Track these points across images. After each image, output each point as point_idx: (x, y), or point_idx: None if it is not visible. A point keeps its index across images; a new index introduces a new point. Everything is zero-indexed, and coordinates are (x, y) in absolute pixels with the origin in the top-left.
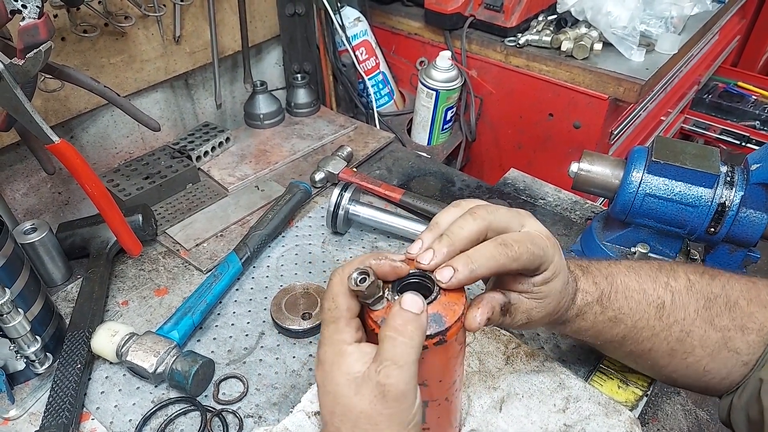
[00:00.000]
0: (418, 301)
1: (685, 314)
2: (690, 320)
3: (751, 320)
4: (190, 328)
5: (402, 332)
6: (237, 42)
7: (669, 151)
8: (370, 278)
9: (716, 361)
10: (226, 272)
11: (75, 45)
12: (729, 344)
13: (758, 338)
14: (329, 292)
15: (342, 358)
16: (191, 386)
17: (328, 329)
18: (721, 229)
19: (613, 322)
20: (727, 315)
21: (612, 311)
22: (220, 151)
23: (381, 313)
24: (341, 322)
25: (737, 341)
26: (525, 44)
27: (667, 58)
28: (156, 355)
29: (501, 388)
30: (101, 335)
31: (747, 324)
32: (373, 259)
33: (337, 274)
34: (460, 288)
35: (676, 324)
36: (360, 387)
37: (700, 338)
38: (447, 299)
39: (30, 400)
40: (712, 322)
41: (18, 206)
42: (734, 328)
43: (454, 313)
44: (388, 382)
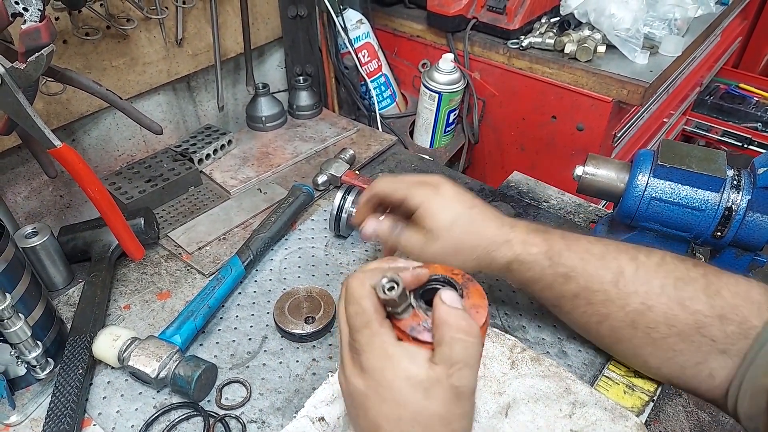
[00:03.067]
0: (459, 300)
1: (647, 288)
2: (654, 294)
3: (734, 312)
4: (193, 332)
5: (471, 333)
6: (239, 44)
7: (675, 155)
8: (399, 286)
9: (687, 342)
10: (228, 276)
11: (77, 48)
12: (703, 330)
13: (739, 330)
14: (351, 298)
15: (390, 362)
16: (194, 391)
17: (361, 335)
18: (728, 233)
19: (564, 278)
20: (704, 301)
21: (563, 268)
22: (222, 154)
23: (409, 322)
24: (374, 324)
25: (713, 329)
26: (528, 46)
27: (671, 60)
28: (158, 360)
29: (507, 393)
30: (103, 340)
31: (727, 314)
32: (387, 263)
33: (355, 279)
34: (482, 294)
35: (636, 295)
36: (429, 390)
37: (664, 315)
38: (471, 302)
39: (31, 405)
40: (682, 303)
41: (19, 209)
42: (710, 315)
43: (481, 317)
44: (461, 383)
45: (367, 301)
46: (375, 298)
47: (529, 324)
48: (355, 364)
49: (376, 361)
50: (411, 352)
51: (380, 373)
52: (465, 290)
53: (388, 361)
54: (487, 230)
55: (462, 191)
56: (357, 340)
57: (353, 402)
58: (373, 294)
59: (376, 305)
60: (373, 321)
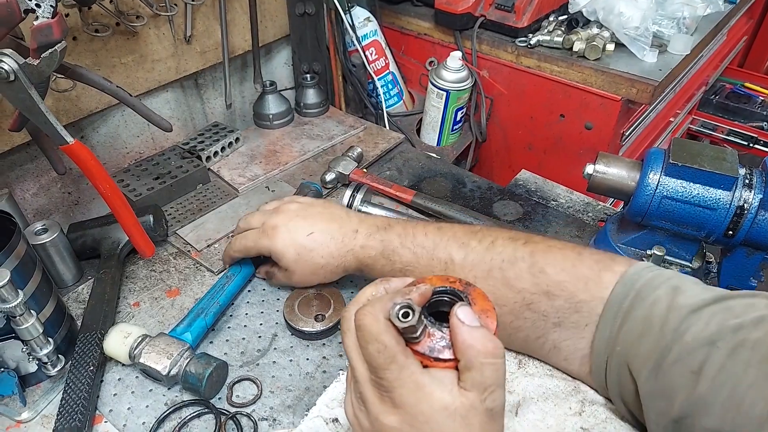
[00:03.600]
0: (475, 317)
1: (475, 273)
2: (481, 279)
3: (559, 287)
4: (203, 329)
5: (498, 354)
6: (247, 42)
7: (686, 153)
8: (415, 312)
9: (521, 319)
10: (238, 273)
11: (86, 44)
12: (532, 306)
13: (567, 305)
14: (369, 336)
15: (423, 392)
16: (205, 389)
17: (389, 372)
18: (739, 232)
19: (402, 273)
20: (528, 279)
21: (400, 264)
22: (230, 152)
23: (426, 342)
24: (400, 358)
25: (541, 305)
26: (536, 45)
27: (680, 59)
28: (169, 357)
29: (516, 393)
30: (114, 337)
31: (553, 290)
32: (383, 284)
33: (367, 315)
34: (486, 297)
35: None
36: (466, 417)
37: (493, 296)
38: (479, 308)
39: (42, 402)
40: (507, 283)
41: (28, 206)
42: (537, 293)
43: (492, 321)
44: (495, 404)
45: (386, 336)
46: (393, 330)
47: None
48: (384, 402)
49: (409, 395)
50: (439, 378)
51: (416, 407)
52: (469, 296)
53: (421, 392)
54: (328, 249)
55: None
56: (384, 378)
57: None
58: (390, 326)
59: (397, 337)
60: (398, 355)
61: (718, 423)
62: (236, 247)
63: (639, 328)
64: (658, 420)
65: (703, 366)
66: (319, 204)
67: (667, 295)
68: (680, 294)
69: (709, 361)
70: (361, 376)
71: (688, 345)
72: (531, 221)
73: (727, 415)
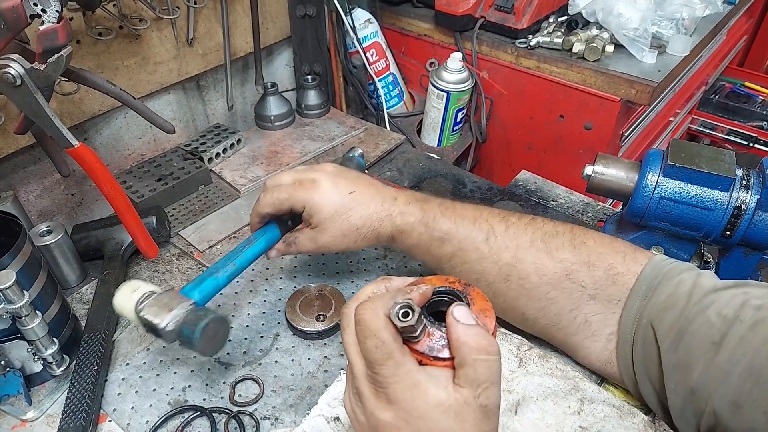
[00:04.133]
0: (471, 316)
1: (517, 243)
2: (523, 248)
3: (599, 258)
4: (214, 289)
5: (492, 351)
6: (249, 44)
7: (684, 154)
8: (415, 312)
9: (558, 289)
10: (261, 236)
11: (90, 47)
12: (571, 276)
13: (605, 276)
14: (367, 331)
15: (419, 389)
16: (199, 342)
17: (386, 368)
18: (737, 233)
19: (440, 242)
20: (570, 250)
21: (438, 232)
22: (232, 153)
23: (425, 342)
24: (397, 354)
25: (581, 274)
26: (536, 46)
27: (679, 59)
28: (170, 311)
29: (516, 391)
30: (123, 291)
31: (594, 261)
32: (384, 283)
33: (367, 311)
34: (484, 297)
35: (506, 250)
36: (460, 414)
37: (534, 265)
38: (478, 307)
39: (47, 401)
40: (549, 253)
41: (32, 207)
42: (578, 263)
43: (491, 320)
44: (489, 401)
45: (385, 333)
46: (392, 328)
47: None
48: (379, 397)
49: (404, 392)
50: (435, 375)
51: (410, 403)
52: (468, 296)
53: (417, 389)
54: (367, 210)
55: (341, 178)
56: (380, 373)
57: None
58: (389, 324)
59: (395, 334)
60: (395, 351)
61: (735, 393)
62: (268, 200)
63: (664, 301)
64: (677, 390)
65: (724, 338)
66: (355, 171)
67: (691, 278)
68: (703, 277)
69: (730, 334)
70: (359, 372)
71: (710, 318)
72: None
73: (744, 386)
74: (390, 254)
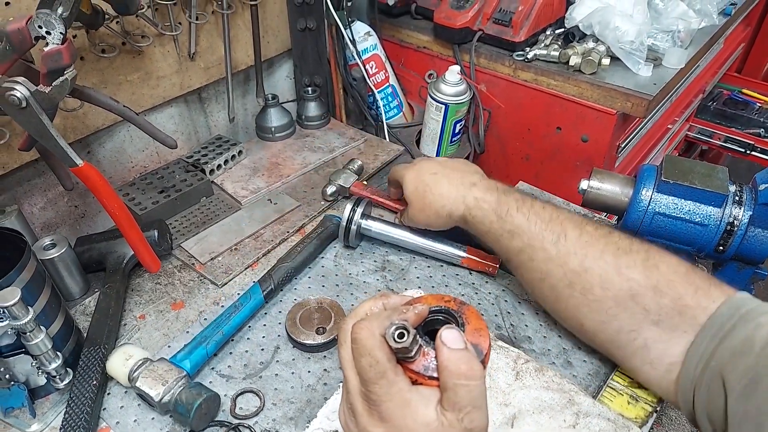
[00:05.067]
0: (461, 339)
1: (587, 251)
2: (592, 257)
3: (669, 286)
4: (203, 359)
5: (472, 376)
6: (250, 57)
7: (678, 171)
8: (410, 333)
9: (621, 307)
10: (246, 304)
11: (93, 64)
12: (636, 298)
13: (672, 305)
14: (362, 350)
15: (409, 408)
16: (193, 419)
17: (378, 387)
18: (730, 248)
19: (510, 234)
20: (641, 271)
21: (510, 225)
22: (233, 164)
23: (420, 362)
24: (390, 374)
25: (646, 299)
26: (533, 59)
27: (675, 72)
28: (164, 384)
29: (512, 405)
30: (116, 358)
31: (662, 287)
32: (382, 300)
33: (363, 329)
34: (479, 316)
35: (574, 256)
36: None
37: (600, 277)
38: (472, 327)
39: (51, 414)
40: (618, 269)
41: (36, 220)
42: (645, 286)
43: (485, 339)
44: (473, 425)
45: (379, 352)
46: (386, 347)
47: (535, 335)
48: (372, 414)
49: (395, 410)
50: (427, 396)
51: (401, 421)
52: (463, 316)
53: (408, 408)
54: (440, 190)
55: (435, 162)
56: (373, 391)
57: None
58: (384, 343)
59: (389, 354)
60: (388, 371)
61: None
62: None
63: (739, 346)
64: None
65: None
66: (459, 160)
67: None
68: None
69: None
70: (353, 388)
71: None
72: None
73: None
74: (388, 266)
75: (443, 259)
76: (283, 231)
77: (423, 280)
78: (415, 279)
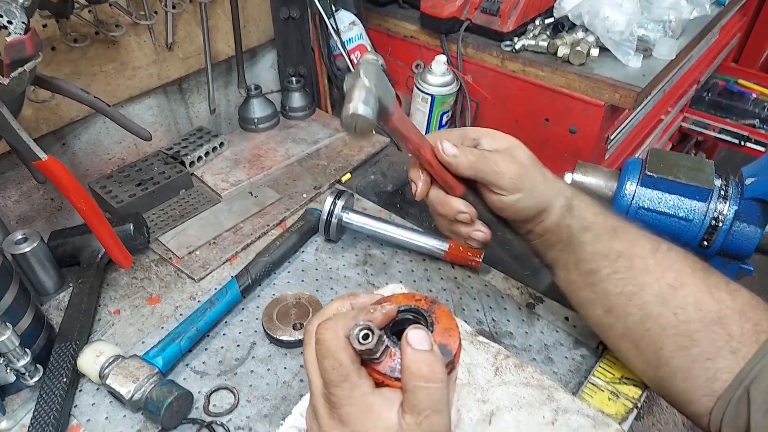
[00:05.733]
0: (427, 339)
1: (681, 265)
2: (686, 274)
3: (752, 310)
4: (176, 355)
5: (432, 378)
6: (231, 47)
7: (663, 164)
8: (375, 334)
9: (707, 331)
10: (222, 299)
11: (66, 54)
12: (723, 320)
13: (753, 330)
14: (326, 351)
15: (371, 412)
16: (164, 417)
17: (341, 389)
18: (714, 243)
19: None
20: (726, 293)
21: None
22: (214, 156)
23: (386, 363)
24: (353, 377)
25: (733, 322)
26: (521, 49)
27: (665, 63)
28: (135, 381)
29: (490, 401)
30: (87, 355)
31: (746, 311)
32: (350, 300)
33: (327, 330)
34: (450, 315)
35: (670, 270)
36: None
37: (694, 296)
38: (442, 326)
39: (21, 411)
40: (708, 288)
41: (10, 213)
42: (733, 308)
43: (455, 339)
44: (432, 429)
45: (342, 354)
46: (351, 350)
47: (517, 330)
48: (333, 417)
49: (356, 414)
50: (390, 399)
51: (361, 426)
52: (433, 315)
53: (369, 412)
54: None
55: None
56: (335, 394)
57: None
58: (348, 345)
59: (353, 356)
60: (351, 374)
61: None
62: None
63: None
64: None
65: None
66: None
67: None
68: None
69: None
70: (316, 390)
71: None
72: None
73: None
74: (370, 260)
75: (426, 253)
76: (264, 224)
77: (405, 275)
78: (397, 273)
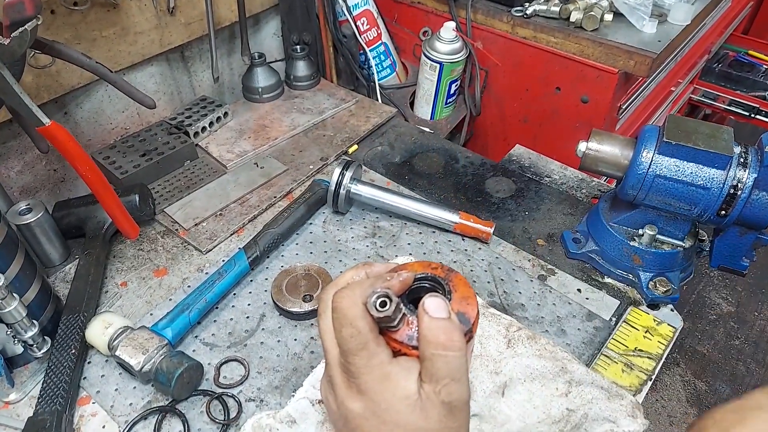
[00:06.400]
0: (445, 307)
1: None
2: None
3: None
4: (186, 326)
5: (450, 347)
6: (234, 12)
7: (681, 131)
8: (393, 301)
9: None
10: (231, 271)
11: (65, 18)
12: None
13: None
14: (343, 319)
15: (389, 381)
16: (174, 389)
17: (359, 358)
18: (733, 212)
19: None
20: None
21: None
22: (218, 126)
23: (404, 331)
24: (371, 345)
25: None
26: (532, 14)
27: (680, 29)
28: (144, 353)
29: (503, 373)
30: (95, 327)
31: None
32: (365, 269)
33: (345, 298)
34: (467, 284)
35: None
36: (424, 410)
37: None
38: (459, 295)
39: (30, 383)
40: None
41: (13, 184)
42: None
43: (473, 308)
44: (452, 398)
45: (361, 322)
46: (369, 317)
47: (529, 302)
48: (350, 387)
49: (374, 383)
50: (408, 367)
51: (379, 395)
52: (450, 283)
53: (387, 381)
54: None
55: None
56: (353, 363)
57: (347, 424)
58: (366, 313)
59: (371, 324)
60: (370, 342)
61: None
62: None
63: None
64: None
65: None
66: None
67: None
68: None
69: None
70: (333, 359)
71: None
72: (523, 198)
73: None
74: (379, 232)
75: (435, 225)
76: (270, 196)
77: (414, 247)
78: (406, 245)
